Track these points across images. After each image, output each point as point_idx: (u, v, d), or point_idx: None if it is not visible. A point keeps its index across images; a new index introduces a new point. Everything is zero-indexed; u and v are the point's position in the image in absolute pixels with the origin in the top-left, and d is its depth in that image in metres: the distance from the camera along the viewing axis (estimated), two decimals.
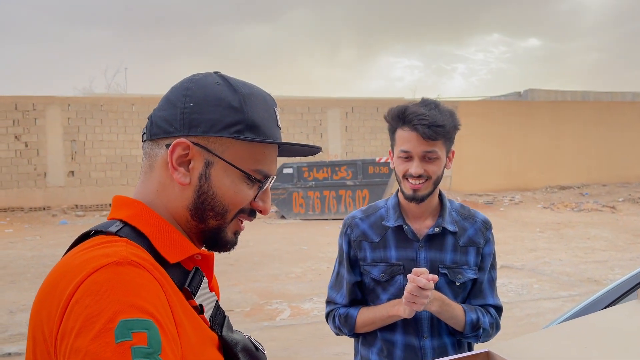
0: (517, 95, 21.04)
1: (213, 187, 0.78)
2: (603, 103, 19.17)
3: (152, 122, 0.80)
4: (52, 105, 13.81)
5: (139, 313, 0.62)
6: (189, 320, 0.71)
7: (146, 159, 0.81)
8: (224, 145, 0.78)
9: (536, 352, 0.93)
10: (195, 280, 0.76)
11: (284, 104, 15.67)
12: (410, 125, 1.43)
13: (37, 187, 13.62)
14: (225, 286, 6.25)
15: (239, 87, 0.80)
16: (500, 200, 15.42)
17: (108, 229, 0.75)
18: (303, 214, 12.34)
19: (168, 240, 0.76)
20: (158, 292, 0.67)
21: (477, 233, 1.57)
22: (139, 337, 0.61)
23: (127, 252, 0.68)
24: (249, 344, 0.82)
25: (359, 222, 1.57)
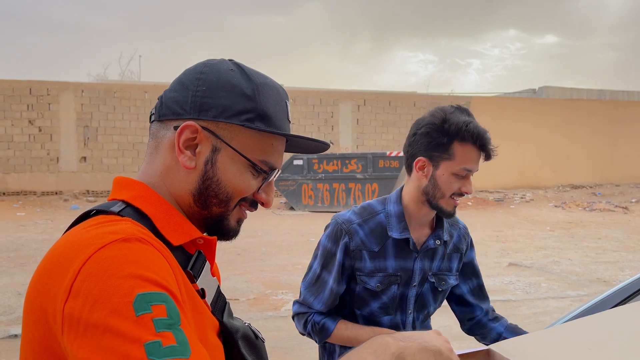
0: (532, 92, 20.80)
1: (218, 173, 0.77)
2: (619, 102, 18.89)
3: (162, 103, 0.79)
4: (66, 91, 13.92)
5: (154, 286, 0.62)
6: (192, 302, 0.71)
7: (152, 139, 0.80)
8: (233, 133, 0.77)
9: (538, 352, 0.91)
10: (197, 264, 0.75)
11: (295, 95, 15.64)
12: (476, 144, 1.36)
13: (50, 172, 13.76)
14: (232, 275, 6.27)
15: (253, 76, 0.79)
16: (510, 197, 15.30)
17: (110, 209, 0.73)
18: (312, 206, 12.34)
19: (171, 222, 0.75)
20: (166, 267, 0.66)
21: (460, 239, 1.56)
22: (159, 310, 0.60)
23: (133, 229, 0.67)
24: (249, 331, 0.81)
25: (358, 229, 1.45)
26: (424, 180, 1.42)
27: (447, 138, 1.37)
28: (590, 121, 17.66)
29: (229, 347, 0.76)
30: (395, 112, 16.12)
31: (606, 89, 21.02)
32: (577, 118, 17.56)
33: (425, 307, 1.52)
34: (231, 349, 0.76)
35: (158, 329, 0.59)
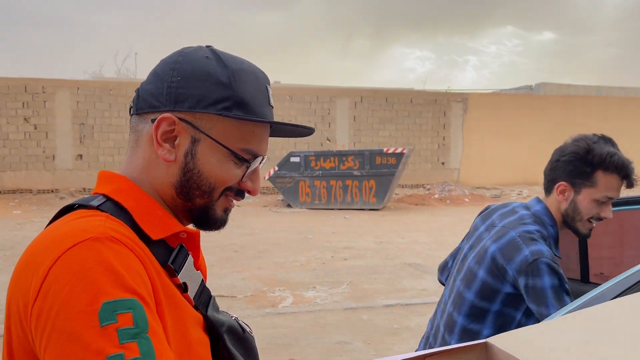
0: (529, 88, 20.82)
1: (199, 164, 0.76)
2: (615, 98, 18.93)
3: (139, 96, 0.78)
4: (62, 89, 13.85)
5: (122, 292, 0.61)
6: (170, 300, 0.69)
7: (132, 133, 0.79)
8: (211, 122, 0.75)
9: (536, 345, 0.90)
10: (179, 258, 0.74)
11: (292, 92, 15.60)
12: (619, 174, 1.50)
13: (46, 170, 13.70)
14: (229, 272, 6.26)
15: (229, 62, 0.77)
16: (507, 194, 15.32)
17: (90, 202, 0.73)
18: (309, 203, 12.32)
19: (151, 216, 0.74)
20: (139, 268, 0.65)
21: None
22: (124, 318, 0.59)
23: (105, 227, 0.66)
24: (236, 325, 0.81)
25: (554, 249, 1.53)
26: (564, 204, 1.54)
27: (591, 168, 1.49)
28: (586, 117, 17.68)
29: (215, 341, 0.75)
30: (393, 109, 16.11)
31: (603, 86, 21.05)
32: (573, 114, 17.57)
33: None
34: (217, 343, 0.75)
35: (122, 340, 0.58)
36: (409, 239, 8.58)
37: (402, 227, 9.88)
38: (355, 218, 10.95)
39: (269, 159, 12.22)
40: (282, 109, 15.24)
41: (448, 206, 13.37)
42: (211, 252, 7.43)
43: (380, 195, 11.99)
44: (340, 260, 6.96)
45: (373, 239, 8.49)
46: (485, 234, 1.61)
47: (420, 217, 11.35)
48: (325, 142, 15.58)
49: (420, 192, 14.95)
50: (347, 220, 10.77)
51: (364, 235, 8.91)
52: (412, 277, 6.10)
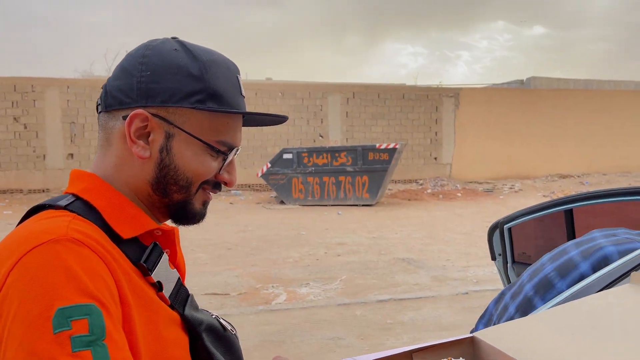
0: (520, 83, 20.89)
1: (175, 160, 0.74)
2: (606, 92, 19.03)
3: (107, 93, 0.76)
4: (51, 87, 13.74)
5: (79, 297, 0.59)
6: (141, 300, 0.68)
7: (102, 131, 0.77)
8: (185, 116, 0.74)
9: (522, 338, 0.90)
10: (152, 256, 0.72)
11: (284, 88, 15.57)
12: None
13: (36, 169, 13.60)
14: (222, 270, 6.25)
15: (199, 54, 0.75)
16: (500, 188, 15.39)
17: (58, 202, 0.71)
18: (302, 200, 12.32)
19: (122, 214, 0.72)
20: (101, 271, 0.63)
21: None
22: (79, 325, 0.57)
23: (69, 228, 0.64)
24: (216, 323, 0.79)
25: None
26: None
27: None
28: (577, 111, 17.78)
29: (194, 340, 0.74)
30: (385, 105, 16.11)
31: (593, 79, 21.15)
32: (564, 108, 17.66)
33: None
34: (195, 342, 0.74)
35: (75, 348, 0.56)
36: (402, 234, 8.60)
37: (395, 222, 9.90)
38: (349, 214, 10.96)
39: (262, 156, 12.12)
40: (274, 106, 15.20)
41: (441, 201, 13.41)
42: (204, 250, 7.42)
43: (373, 191, 12.01)
44: (333, 256, 6.97)
45: (366, 235, 8.51)
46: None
47: (413, 212, 11.38)
48: (317, 139, 15.57)
49: (413, 188, 14.99)
50: (340, 216, 10.78)
51: (357, 231, 8.93)
52: (405, 272, 6.12)
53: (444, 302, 4.96)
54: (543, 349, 0.85)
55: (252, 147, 14.92)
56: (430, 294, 5.24)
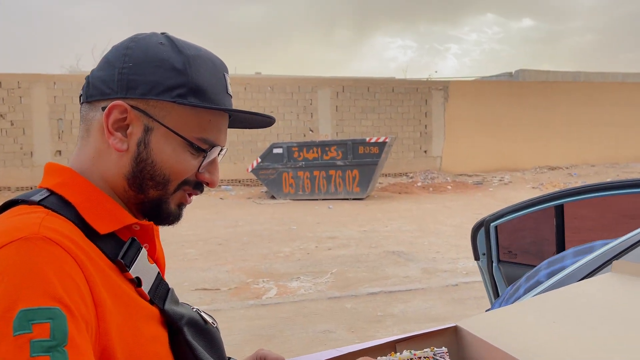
0: (509, 75, 20.98)
1: (152, 154, 0.73)
2: (593, 84, 19.18)
3: (89, 83, 0.74)
4: (38, 83, 13.58)
5: (44, 300, 0.57)
6: (118, 299, 0.66)
7: (82, 123, 0.76)
8: (165, 110, 0.72)
9: (504, 327, 0.91)
10: (130, 251, 0.71)
11: (273, 83, 15.51)
12: None
13: (24, 167, 13.46)
14: (212, 265, 6.24)
15: (185, 48, 0.74)
16: (489, 180, 15.48)
17: (31, 197, 0.69)
18: (293, 194, 12.31)
19: (99, 209, 0.71)
20: (72, 272, 0.61)
21: None
22: (40, 329, 0.55)
23: (41, 225, 0.62)
24: (197, 317, 0.78)
25: None
26: None
27: None
28: (565, 103, 17.91)
29: (175, 334, 0.73)
30: (374, 98, 16.12)
31: (581, 71, 21.30)
32: (553, 100, 17.78)
33: None
34: (176, 336, 0.73)
35: (33, 353, 0.54)
36: (393, 227, 8.63)
37: (385, 215, 9.94)
38: (339, 208, 10.97)
39: (252, 151, 12.05)
40: (264, 100, 15.14)
41: (431, 194, 13.47)
42: (194, 245, 7.40)
43: (363, 185, 12.03)
44: (324, 250, 6.98)
45: (357, 228, 8.53)
46: None
47: (404, 205, 11.42)
48: (307, 133, 15.54)
49: (403, 181, 15.03)
50: (331, 210, 10.79)
51: (347, 224, 8.94)
52: (395, 264, 6.15)
53: (434, 294, 4.99)
54: (524, 337, 0.86)
55: (242, 142, 14.86)
56: (420, 286, 5.27)
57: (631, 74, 20.89)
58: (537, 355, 0.80)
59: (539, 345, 0.84)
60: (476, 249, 2.72)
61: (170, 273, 5.91)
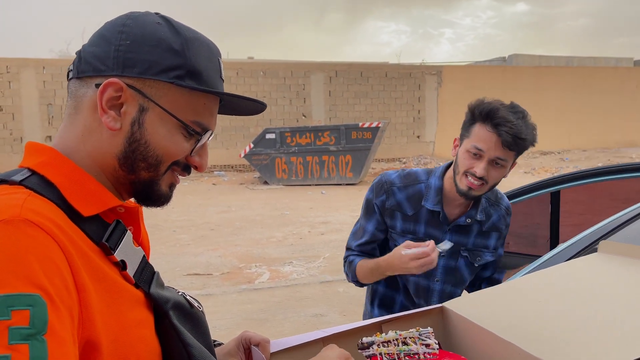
0: (502, 60, 20.95)
1: (146, 135, 0.71)
2: (586, 68, 19.20)
3: (81, 58, 0.72)
4: (27, 68, 13.39)
5: (25, 286, 0.55)
6: (102, 283, 0.65)
7: (71, 99, 0.73)
8: (162, 91, 0.71)
9: (490, 307, 0.91)
10: (115, 234, 0.70)
11: (266, 67, 15.39)
12: (495, 128, 1.41)
13: (14, 153, 13.33)
14: (205, 250, 6.24)
15: (182, 30, 0.73)
16: None
17: (12, 177, 0.67)
18: (286, 180, 12.30)
19: (83, 190, 0.69)
20: (54, 257, 0.59)
21: (500, 219, 1.65)
22: (20, 316, 0.54)
23: (23, 207, 0.61)
24: (182, 300, 0.77)
25: (396, 191, 1.58)
26: (455, 157, 1.53)
27: (471, 116, 1.48)
28: (558, 88, 17.93)
29: (160, 318, 0.72)
30: (367, 83, 16.05)
31: (574, 56, 21.30)
32: (545, 85, 17.79)
33: (462, 282, 1.62)
34: (162, 320, 0.72)
35: (12, 340, 0.53)
36: None
37: None
38: (332, 193, 10.98)
39: (245, 136, 12.01)
40: (256, 85, 15.04)
41: None
42: (186, 230, 7.39)
43: (356, 170, 12.03)
44: (317, 235, 7.00)
45: (350, 213, 8.54)
46: None
47: None
48: (300, 118, 15.48)
49: (396, 166, 15.05)
50: (324, 195, 10.80)
51: (340, 209, 8.96)
52: None
53: None
54: (510, 316, 0.86)
55: (235, 127, 14.78)
56: None
57: (624, 58, 20.93)
58: (522, 334, 0.80)
59: (524, 324, 0.84)
60: None
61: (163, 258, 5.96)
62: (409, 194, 1.57)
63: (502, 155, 1.42)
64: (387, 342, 0.87)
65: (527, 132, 1.43)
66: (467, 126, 1.49)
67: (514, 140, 1.40)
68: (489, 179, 1.44)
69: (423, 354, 0.87)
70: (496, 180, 1.47)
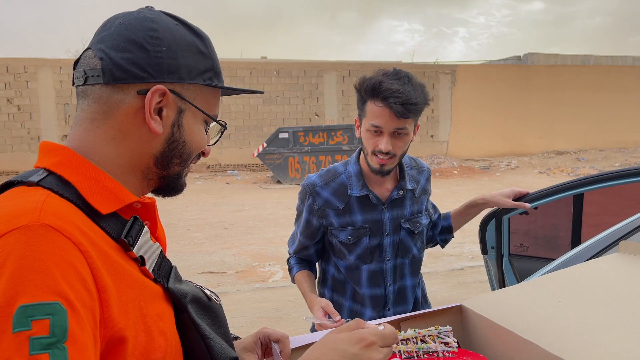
0: (517, 59, 20.75)
1: (184, 134, 0.77)
2: (602, 67, 18.93)
3: (115, 65, 0.72)
4: (44, 68, 13.58)
5: (44, 294, 0.56)
6: (123, 280, 0.66)
7: (96, 104, 0.73)
8: (195, 92, 0.77)
9: (508, 307, 0.91)
10: (133, 230, 0.71)
11: (279, 67, 15.42)
12: (384, 101, 1.41)
13: (31, 151, 13.52)
14: (219, 249, 6.28)
15: (197, 30, 0.79)
16: (496, 165, 15.40)
17: (29, 178, 0.68)
18: (299, 179, 12.32)
19: (100, 189, 0.70)
20: (73, 260, 0.60)
21: (426, 181, 1.69)
22: (40, 326, 0.55)
23: (42, 210, 0.61)
24: (200, 294, 0.78)
25: (320, 191, 1.59)
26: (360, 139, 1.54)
27: (360, 96, 1.49)
28: (574, 87, 17.71)
29: (179, 312, 0.74)
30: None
31: (590, 55, 21.02)
32: (561, 84, 17.58)
33: (408, 251, 1.62)
34: (181, 314, 0.74)
35: (32, 351, 0.54)
36: None
37: None
38: None
39: (258, 136, 12.02)
40: (270, 85, 15.08)
41: (437, 179, 13.43)
42: (200, 229, 7.44)
43: None
44: None
45: None
46: None
47: None
48: (313, 117, 15.49)
49: None
50: None
51: None
52: None
53: (439, 278, 5.01)
54: (529, 316, 0.86)
55: (248, 127, 14.84)
56: (426, 269, 5.28)
57: None
58: (541, 333, 0.80)
59: (544, 323, 0.84)
60: (484, 242, 2.58)
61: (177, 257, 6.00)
62: (333, 189, 1.57)
63: (399, 125, 1.43)
64: (406, 340, 0.88)
65: (416, 95, 1.41)
66: (360, 105, 1.50)
67: (405, 108, 1.39)
68: (395, 150, 1.46)
69: (442, 352, 0.87)
70: (403, 149, 1.49)
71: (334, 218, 1.56)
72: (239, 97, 14.74)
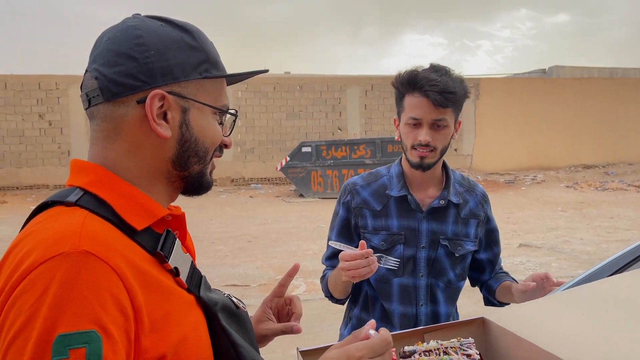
0: (542, 72, 20.51)
1: (194, 132, 0.77)
2: (630, 80, 18.57)
3: (110, 81, 0.73)
4: (75, 84, 13.97)
5: (81, 323, 0.59)
6: (161, 295, 0.69)
7: (105, 122, 0.75)
8: (195, 88, 0.76)
9: (531, 320, 0.92)
10: (167, 243, 0.73)
11: (302, 82, 15.57)
12: (421, 91, 1.38)
13: (62, 165, 13.89)
14: (242, 262, 6.33)
15: (184, 25, 0.78)
16: (522, 179, 15.18)
17: (66, 198, 0.70)
18: (321, 193, 12.35)
19: (133, 205, 0.72)
20: (111, 285, 0.62)
21: (477, 205, 1.57)
22: (77, 354, 0.58)
23: (81, 235, 0.63)
24: (229, 302, 0.81)
25: (360, 190, 1.54)
26: (400, 138, 1.49)
27: (398, 92, 1.46)
28: (601, 100, 17.39)
29: (210, 320, 0.76)
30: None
31: (618, 67, 20.66)
32: (588, 97, 17.29)
33: (443, 273, 1.51)
34: (212, 322, 0.76)
35: None
36: None
37: None
38: None
39: (281, 150, 12.11)
40: (293, 99, 15.22)
41: None
42: (224, 242, 7.51)
43: None
44: None
45: None
46: None
47: None
48: (336, 132, 15.56)
49: None
50: None
51: None
52: None
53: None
54: (552, 329, 0.87)
55: (271, 141, 14.98)
56: None
57: None
58: (563, 346, 0.81)
59: (567, 337, 0.85)
60: None
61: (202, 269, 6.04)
62: (373, 190, 1.53)
63: (438, 116, 1.38)
64: (428, 351, 0.89)
65: (455, 84, 1.38)
66: (399, 102, 1.47)
67: (444, 97, 1.35)
68: (435, 143, 1.41)
69: None
70: (444, 144, 1.44)
71: (369, 219, 1.50)
72: (263, 112, 14.92)
